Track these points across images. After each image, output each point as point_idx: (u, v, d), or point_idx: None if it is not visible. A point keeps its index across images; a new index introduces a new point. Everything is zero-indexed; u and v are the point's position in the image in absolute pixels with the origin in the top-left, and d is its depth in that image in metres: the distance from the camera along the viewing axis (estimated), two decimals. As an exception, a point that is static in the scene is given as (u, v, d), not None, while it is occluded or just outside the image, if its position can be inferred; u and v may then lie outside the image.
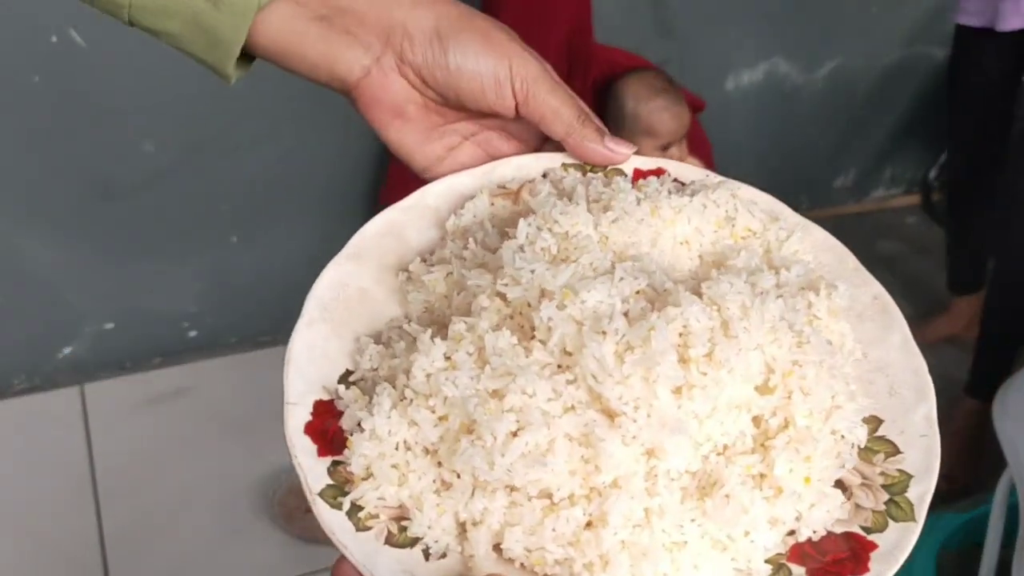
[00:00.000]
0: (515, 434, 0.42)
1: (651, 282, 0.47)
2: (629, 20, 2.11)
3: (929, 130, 2.61)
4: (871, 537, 0.42)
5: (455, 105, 0.57)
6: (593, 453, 0.42)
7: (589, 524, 0.42)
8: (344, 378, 0.49)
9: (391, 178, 1.89)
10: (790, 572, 0.42)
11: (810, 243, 0.54)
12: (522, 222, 0.51)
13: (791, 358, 0.44)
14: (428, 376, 0.46)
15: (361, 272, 0.54)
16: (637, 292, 0.47)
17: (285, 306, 2.42)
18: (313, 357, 0.50)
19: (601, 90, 1.77)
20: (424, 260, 0.54)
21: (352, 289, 0.53)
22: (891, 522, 0.43)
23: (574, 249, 0.49)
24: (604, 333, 0.43)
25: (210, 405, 1.89)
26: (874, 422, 0.46)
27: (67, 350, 1.93)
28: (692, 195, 0.53)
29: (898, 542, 0.42)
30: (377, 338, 0.51)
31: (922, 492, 0.43)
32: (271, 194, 1.96)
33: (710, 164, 1.82)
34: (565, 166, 0.57)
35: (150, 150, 1.80)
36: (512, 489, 0.43)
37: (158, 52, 1.81)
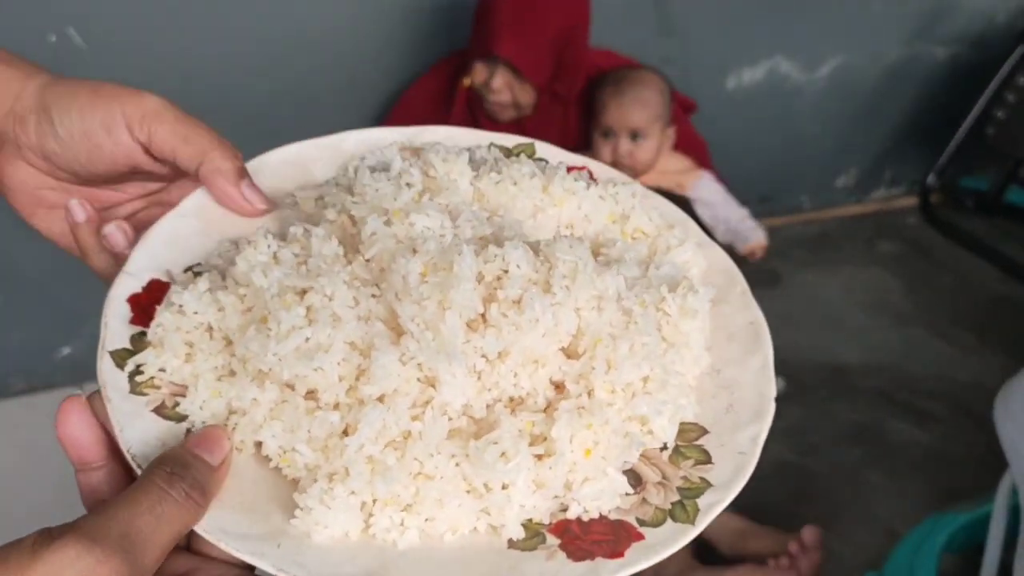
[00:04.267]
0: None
1: (497, 232, 0.46)
2: (630, 19, 2.10)
3: (931, 130, 2.61)
4: (642, 529, 0.40)
5: (95, 179, 0.52)
6: (368, 364, 0.41)
7: (346, 434, 0.41)
8: (190, 268, 0.49)
9: None
10: (544, 540, 0.40)
11: (706, 261, 0.52)
12: (397, 158, 0.51)
13: (608, 330, 0.43)
14: (251, 268, 0.45)
15: None
16: (480, 237, 0.45)
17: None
18: (172, 242, 0.49)
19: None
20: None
21: None
22: (669, 520, 0.40)
23: (438, 190, 0.48)
24: (415, 251, 0.43)
25: (209, 406, 1.89)
26: (698, 431, 0.44)
27: (65, 351, 1.93)
28: (591, 185, 0.51)
29: (666, 540, 0.40)
30: (238, 242, 0.50)
31: (713, 502, 0.41)
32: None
33: (705, 163, 1.82)
34: (493, 145, 0.56)
35: (149, 150, 1.80)
36: (286, 387, 0.42)
37: (158, 52, 1.81)
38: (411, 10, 1.89)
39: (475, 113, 1.75)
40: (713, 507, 0.41)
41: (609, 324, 0.44)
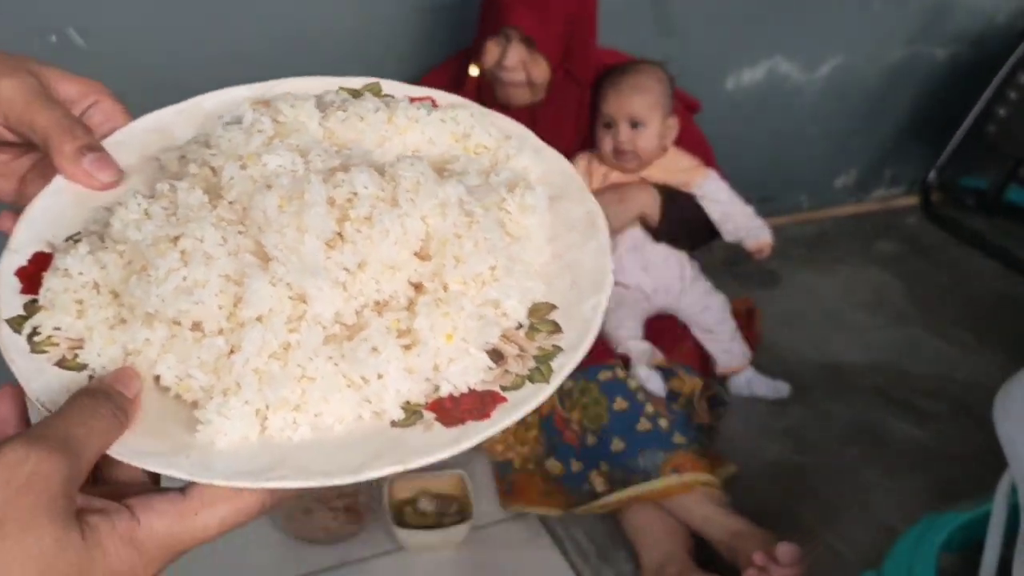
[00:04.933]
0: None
1: (346, 162, 0.51)
2: (630, 19, 2.11)
3: (930, 130, 2.61)
4: (505, 394, 0.45)
5: None
6: (244, 290, 0.46)
7: (232, 354, 0.46)
8: (70, 237, 0.53)
9: None
10: (422, 417, 0.45)
11: (545, 164, 0.57)
12: (248, 109, 0.56)
13: (454, 232, 0.48)
14: (125, 226, 0.50)
15: (119, 157, 0.56)
16: (330, 169, 0.51)
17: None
18: (49, 217, 0.53)
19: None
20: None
21: None
22: (528, 383, 0.45)
23: (288, 132, 0.54)
24: (270, 187, 0.48)
25: (210, 405, 1.89)
26: (548, 308, 0.50)
27: (67, 350, 1.93)
28: (431, 111, 0.57)
29: (526, 398, 0.45)
30: (111, 207, 0.54)
31: (565, 362, 0.46)
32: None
33: (709, 162, 1.82)
34: (341, 89, 0.62)
35: (150, 150, 1.80)
36: (174, 323, 0.47)
37: (159, 53, 1.82)
38: (415, 10, 1.90)
39: (485, 102, 1.75)
40: (564, 367, 0.46)
41: (454, 226, 0.49)
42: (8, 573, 0.36)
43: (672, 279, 1.80)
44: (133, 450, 0.43)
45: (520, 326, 0.49)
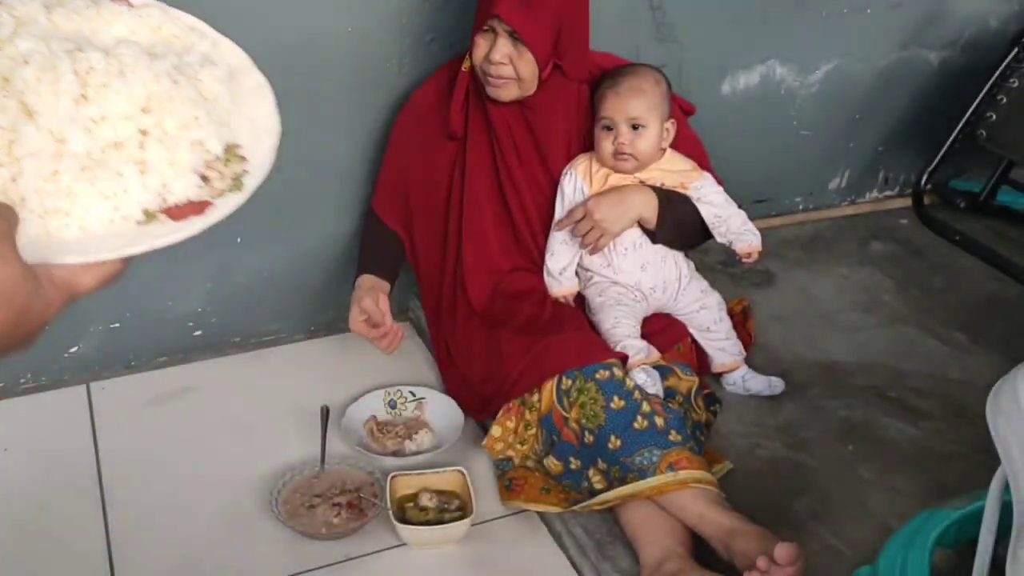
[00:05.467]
0: None
1: (77, 46, 0.66)
2: (626, 24, 2.13)
3: (923, 133, 2.64)
4: (213, 200, 0.65)
5: None
6: (16, 136, 0.61)
7: (14, 181, 0.61)
8: None
9: (380, 187, 1.95)
10: (158, 218, 0.64)
11: (222, 48, 0.76)
12: None
13: (167, 93, 0.66)
14: None
15: None
16: (68, 51, 0.65)
17: (289, 306, 2.43)
18: None
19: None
20: None
21: None
22: (228, 193, 0.66)
23: (25, 24, 0.68)
24: (27, 63, 0.63)
25: (215, 404, 1.91)
26: (236, 147, 0.70)
27: (73, 349, 1.95)
28: (129, 9, 0.74)
29: (227, 203, 0.65)
30: None
31: (250, 180, 0.67)
32: (274, 196, 1.98)
33: (704, 165, 1.85)
34: None
35: (154, 152, 1.82)
36: None
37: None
38: (420, 12, 1.91)
39: (478, 96, 1.77)
40: (250, 183, 0.67)
41: (166, 89, 0.66)
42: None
43: (670, 279, 1.83)
44: None
45: (218, 158, 0.67)
